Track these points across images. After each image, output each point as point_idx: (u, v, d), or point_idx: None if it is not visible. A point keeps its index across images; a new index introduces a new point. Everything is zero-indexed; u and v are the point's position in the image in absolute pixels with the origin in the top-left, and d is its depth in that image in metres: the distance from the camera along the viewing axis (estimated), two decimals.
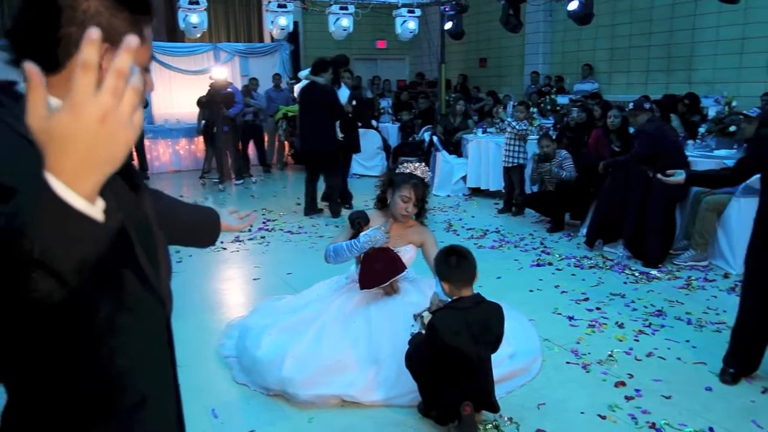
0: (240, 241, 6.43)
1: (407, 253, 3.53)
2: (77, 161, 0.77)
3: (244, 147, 10.80)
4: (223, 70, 10.69)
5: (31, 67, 0.78)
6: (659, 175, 3.62)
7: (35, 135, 0.77)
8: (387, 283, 3.42)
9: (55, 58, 1.03)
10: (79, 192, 0.78)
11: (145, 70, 1.17)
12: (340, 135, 7.61)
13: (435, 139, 9.44)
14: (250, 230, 6.63)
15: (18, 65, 1.08)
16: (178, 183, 10.40)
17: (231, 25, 15.00)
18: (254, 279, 5.30)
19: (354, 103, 7.98)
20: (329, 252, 3.45)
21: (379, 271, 3.36)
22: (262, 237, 6.67)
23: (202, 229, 1.73)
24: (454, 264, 2.93)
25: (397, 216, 3.48)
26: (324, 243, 6.39)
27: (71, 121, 0.76)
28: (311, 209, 7.70)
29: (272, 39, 13.18)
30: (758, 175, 3.36)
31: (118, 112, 0.78)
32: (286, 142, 11.86)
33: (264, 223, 7.27)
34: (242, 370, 3.52)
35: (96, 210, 0.80)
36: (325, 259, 3.49)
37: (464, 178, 9.07)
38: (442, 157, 9.20)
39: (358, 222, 3.42)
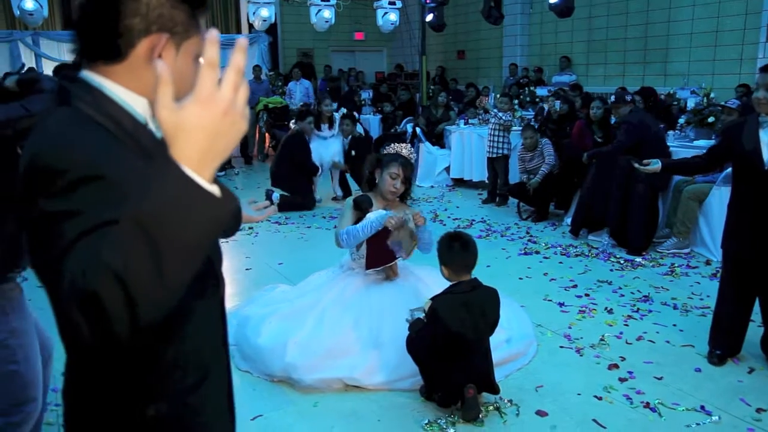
0: None
1: None
2: (202, 150, 0.82)
3: None
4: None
5: (161, 64, 0.83)
6: (636, 165, 3.74)
7: (163, 126, 0.82)
8: (393, 263, 3.52)
9: (117, 49, 1.06)
10: (203, 177, 0.83)
11: (197, 58, 1.21)
12: (343, 164, 7.97)
13: (418, 130, 9.50)
14: None
15: (83, 55, 1.11)
16: None
17: (208, 16, 14.86)
18: (246, 269, 5.32)
19: (353, 153, 7.96)
20: (342, 235, 3.51)
21: (387, 251, 3.46)
22: (250, 228, 6.66)
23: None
24: (457, 250, 3.00)
25: (386, 193, 3.59)
26: (312, 233, 6.46)
27: (200, 114, 0.81)
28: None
29: (250, 30, 13.10)
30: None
31: (236, 104, 0.84)
32: (266, 134, 11.83)
33: None
34: (244, 357, 3.55)
35: (216, 192, 0.85)
36: (337, 243, 3.56)
37: (447, 169, 9.15)
38: (425, 148, 9.27)
39: (365, 206, 3.53)
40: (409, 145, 3.81)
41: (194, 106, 0.81)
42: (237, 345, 3.68)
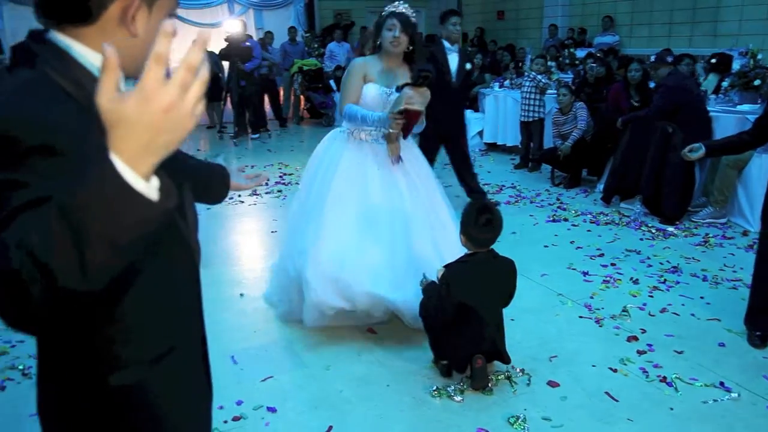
0: (257, 195, 6.47)
1: None
2: (140, 145, 0.79)
3: (261, 101, 10.76)
4: (238, 24, 10.54)
5: (108, 49, 0.79)
6: (682, 153, 3.53)
7: (102, 114, 0.79)
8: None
9: (87, 10, 1.02)
10: (138, 172, 0.80)
11: (170, 15, 1.16)
12: None
13: None
14: (267, 184, 6.65)
15: (48, 16, 1.07)
16: (195, 137, 10.38)
17: None
18: (272, 231, 5.36)
19: None
20: (346, 113, 3.48)
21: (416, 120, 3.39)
22: (279, 191, 6.71)
23: (211, 187, 1.72)
24: (482, 224, 2.91)
25: (388, 48, 3.48)
26: None
27: (139, 108, 0.78)
28: None
29: None
30: None
31: (182, 103, 0.80)
32: (301, 96, 11.79)
33: (281, 177, 7.30)
34: (289, 302, 3.57)
35: (153, 189, 0.82)
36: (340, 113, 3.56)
37: (480, 133, 8.99)
38: None
39: (426, 76, 3.26)
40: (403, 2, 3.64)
41: (135, 100, 0.78)
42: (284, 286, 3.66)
